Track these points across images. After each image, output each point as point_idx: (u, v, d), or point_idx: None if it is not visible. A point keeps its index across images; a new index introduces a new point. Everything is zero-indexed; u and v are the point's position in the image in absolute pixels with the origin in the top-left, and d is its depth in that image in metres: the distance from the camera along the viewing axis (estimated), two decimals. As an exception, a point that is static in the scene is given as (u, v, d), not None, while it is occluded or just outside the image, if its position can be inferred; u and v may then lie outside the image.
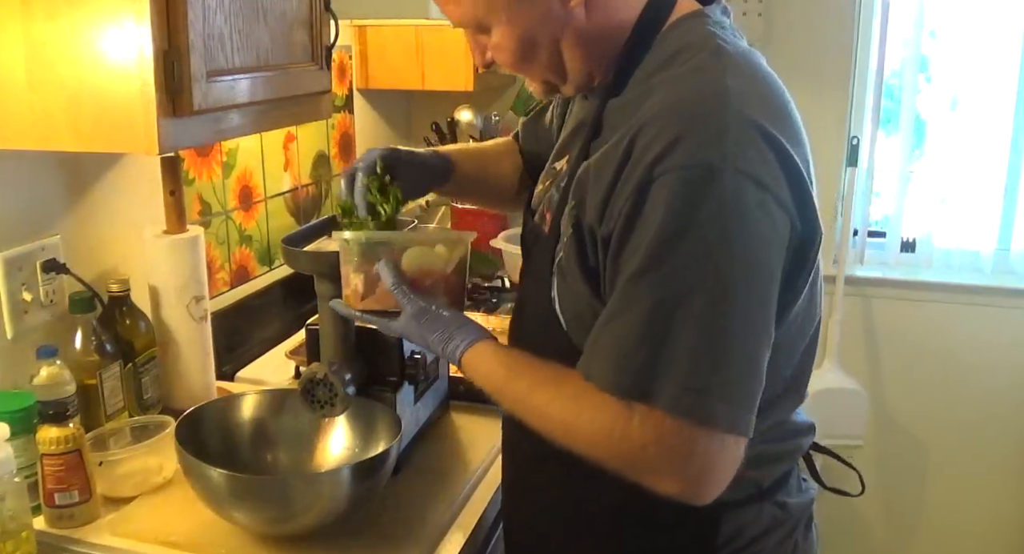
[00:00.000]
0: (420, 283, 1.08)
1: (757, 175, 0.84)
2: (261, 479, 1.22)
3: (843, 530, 2.78)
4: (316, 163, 2.15)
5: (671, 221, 0.83)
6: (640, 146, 0.86)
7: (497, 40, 0.98)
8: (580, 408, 0.90)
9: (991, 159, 2.47)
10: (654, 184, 0.84)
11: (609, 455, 0.89)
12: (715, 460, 0.85)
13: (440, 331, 1.03)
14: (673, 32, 0.96)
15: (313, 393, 1.17)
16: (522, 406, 0.97)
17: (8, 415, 1.14)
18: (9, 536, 1.08)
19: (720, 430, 0.84)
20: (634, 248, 0.86)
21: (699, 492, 0.87)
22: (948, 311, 2.57)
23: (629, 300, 0.86)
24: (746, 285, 0.84)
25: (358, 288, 1.10)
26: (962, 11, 2.43)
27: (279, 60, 1.32)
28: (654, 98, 0.90)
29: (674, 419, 0.84)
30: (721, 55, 0.91)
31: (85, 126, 1.11)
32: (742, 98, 0.87)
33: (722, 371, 0.84)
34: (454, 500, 1.29)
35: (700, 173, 0.82)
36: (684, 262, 0.83)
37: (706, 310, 0.83)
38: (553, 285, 0.99)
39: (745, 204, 0.83)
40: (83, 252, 1.45)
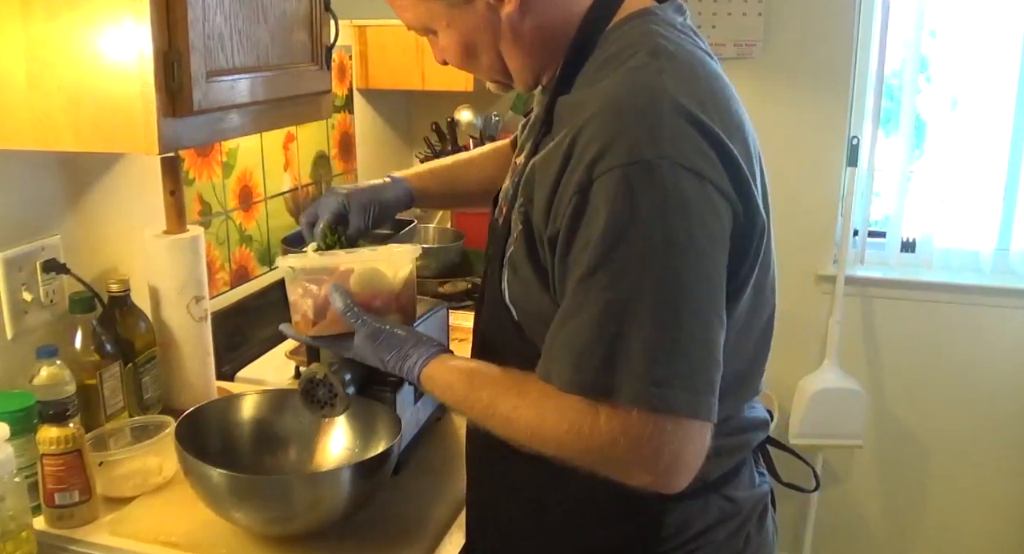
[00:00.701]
0: (370, 304, 1.09)
1: (695, 166, 0.86)
2: (261, 479, 1.22)
3: (843, 530, 2.79)
4: (316, 163, 2.16)
5: (615, 220, 0.84)
6: (579, 147, 0.88)
7: (442, 42, 1.03)
8: (545, 411, 0.91)
9: (991, 159, 2.47)
10: (594, 184, 0.86)
11: (580, 454, 0.90)
12: (683, 448, 0.86)
13: (396, 350, 1.05)
14: (617, 31, 0.98)
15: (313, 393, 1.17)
16: (486, 416, 0.97)
17: (8, 415, 1.14)
18: (9, 536, 1.09)
19: (684, 418, 0.86)
20: (580, 249, 0.87)
21: (671, 481, 0.88)
22: (948, 311, 2.57)
23: (581, 301, 0.87)
24: (694, 274, 0.86)
25: (308, 314, 1.11)
26: (962, 11, 2.43)
27: (279, 60, 1.32)
28: (593, 96, 0.92)
29: (639, 412, 0.85)
30: (658, 54, 0.92)
31: (85, 126, 1.11)
32: (676, 93, 0.88)
33: (680, 361, 0.85)
34: (454, 500, 1.29)
35: (639, 169, 0.84)
36: (631, 259, 0.84)
37: (657, 303, 0.85)
38: (503, 278, 1.02)
39: (686, 195, 0.85)
40: (83, 252, 1.45)
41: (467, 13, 0.99)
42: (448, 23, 1.00)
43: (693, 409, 0.85)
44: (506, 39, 1.00)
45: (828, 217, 2.58)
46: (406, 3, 1.01)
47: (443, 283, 2.15)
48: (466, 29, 1.00)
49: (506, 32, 0.99)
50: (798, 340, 2.64)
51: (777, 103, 2.52)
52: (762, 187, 0.96)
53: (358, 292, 1.09)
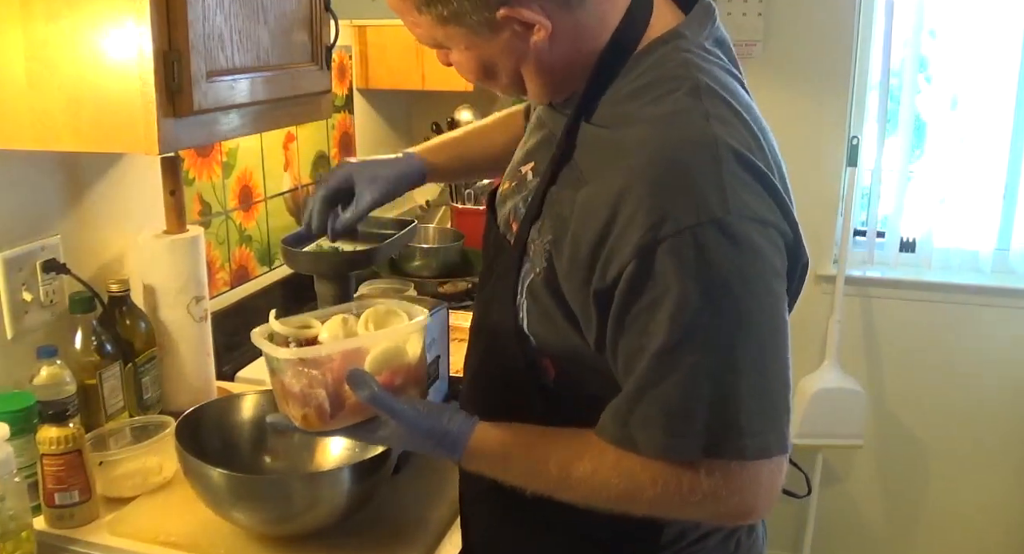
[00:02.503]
0: (391, 385, 0.96)
1: (759, 214, 0.85)
2: (261, 479, 1.22)
3: (843, 530, 2.79)
4: (316, 163, 2.16)
5: (694, 283, 0.82)
6: (630, 204, 0.84)
7: (456, 59, 0.98)
8: (634, 475, 0.89)
9: (991, 159, 2.47)
10: (661, 247, 0.82)
11: (677, 510, 0.92)
12: (775, 481, 0.89)
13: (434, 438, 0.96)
14: (646, 59, 0.93)
15: (313, 394, 1.16)
16: (558, 486, 0.94)
17: (8, 415, 1.14)
18: (9, 536, 1.09)
19: (776, 455, 0.87)
20: (649, 312, 0.84)
21: (764, 513, 0.90)
22: (948, 311, 2.57)
23: (667, 370, 0.85)
24: (774, 321, 0.87)
25: (324, 406, 0.94)
26: (962, 11, 2.43)
27: (279, 60, 1.32)
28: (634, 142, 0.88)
29: (739, 463, 0.86)
30: (699, 93, 0.89)
31: (85, 126, 1.11)
32: (728, 139, 0.86)
33: (770, 408, 0.86)
34: (454, 500, 1.29)
35: (710, 229, 0.82)
36: (718, 323, 0.83)
37: (747, 359, 0.85)
38: (522, 307, 0.98)
39: (756, 245, 0.84)
40: (83, 252, 1.45)
41: (490, 40, 0.92)
42: (467, 46, 0.94)
43: (781, 446, 0.87)
44: (529, 64, 0.95)
45: (828, 217, 2.58)
46: (421, 22, 0.94)
47: (443, 283, 2.16)
48: (486, 53, 0.94)
49: (530, 58, 0.94)
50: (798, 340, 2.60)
51: (777, 103, 2.52)
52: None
53: (376, 374, 0.95)
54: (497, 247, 1.07)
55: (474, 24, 0.90)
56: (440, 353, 1.44)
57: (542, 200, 0.96)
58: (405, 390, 0.99)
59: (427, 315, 1.01)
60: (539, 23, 0.89)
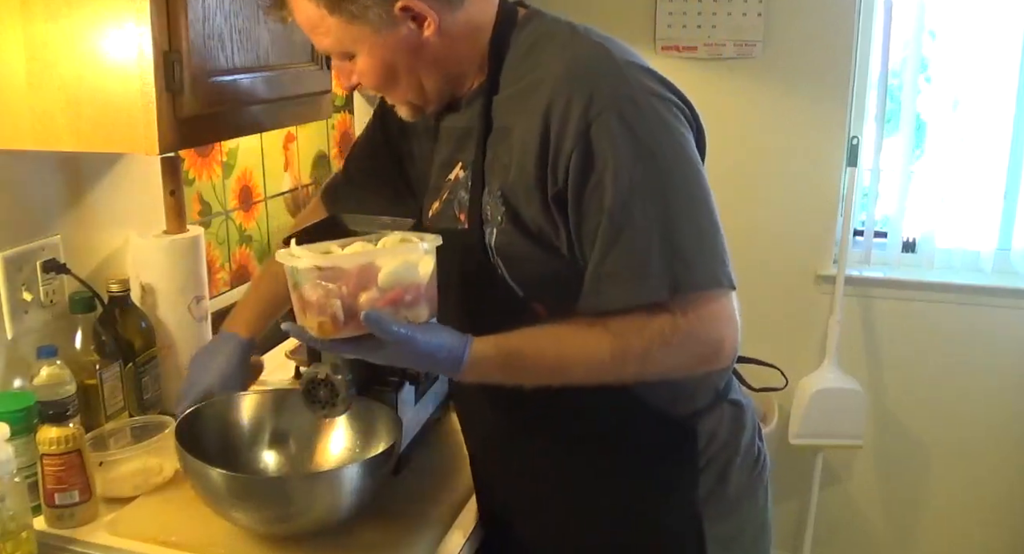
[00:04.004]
0: (401, 299, 1.03)
1: (661, 93, 1.03)
2: (261, 479, 1.22)
3: (843, 530, 2.79)
4: (316, 163, 2.15)
5: (627, 149, 0.98)
6: (559, 108, 1.00)
7: (361, 65, 1.08)
8: (619, 334, 1.00)
9: (991, 159, 2.47)
10: (591, 129, 0.98)
11: (663, 358, 1.01)
12: (733, 314, 1.01)
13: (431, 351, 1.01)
14: (523, 31, 1.10)
15: (315, 393, 1.17)
16: (556, 369, 1.03)
17: (8, 415, 1.14)
18: (9, 536, 1.09)
19: (727, 288, 1.01)
20: (598, 188, 0.99)
21: (733, 350, 1.02)
22: (949, 311, 2.57)
23: (619, 227, 0.98)
24: (695, 170, 1.02)
25: (338, 315, 1.00)
26: (962, 11, 2.43)
27: (279, 60, 1.32)
28: (542, 77, 1.04)
29: (701, 295, 0.99)
30: (576, 30, 1.08)
31: (85, 126, 1.11)
32: (613, 49, 1.04)
33: (711, 241, 1.00)
34: (454, 500, 1.29)
35: (627, 104, 0.99)
36: (652, 176, 0.99)
37: (684, 203, 1.00)
38: (498, 264, 1.09)
39: (666, 116, 1.02)
40: (83, 252, 1.45)
41: (391, 37, 1.04)
42: (371, 46, 1.05)
43: (729, 278, 1.00)
44: (425, 60, 1.07)
45: (828, 217, 2.58)
46: (328, 28, 1.04)
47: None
48: (387, 52, 1.06)
49: (425, 53, 1.06)
50: (798, 340, 2.64)
51: (777, 103, 2.52)
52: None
53: (388, 288, 1.02)
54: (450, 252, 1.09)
55: (375, 19, 1.03)
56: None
57: (482, 172, 1.09)
58: (415, 306, 1.04)
59: (438, 239, 1.06)
60: (429, 16, 1.03)
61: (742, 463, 1.18)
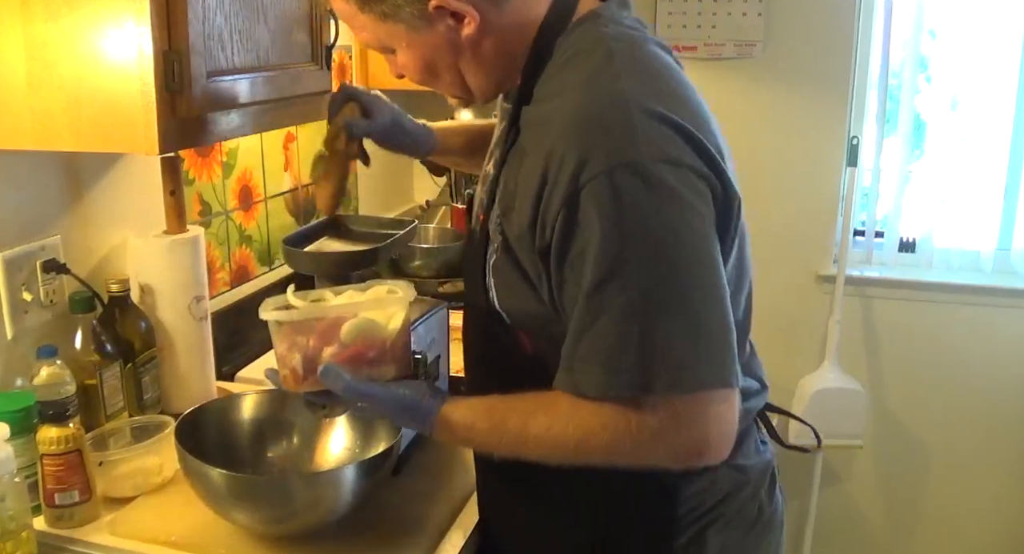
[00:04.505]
0: (363, 356, 1.01)
1: (672, 156, 0.90)
2: (261, 479, 1.22)
3: (843, 530, 2.79)
4: (316, 163, 2.15)
5: (612, 225, 0.88)
6: (555, 161, 0.91)
7: (401, 60, 1.05)
8: (584, 422, 0.92)
9: (991, 159, 2.47)
10: (581, 194, 0.88)
11: (631, 453, 0.93)
12: (723, 417, 0.92)
13: (404, 412, 1.01)
14: (568, 38, 1.01)
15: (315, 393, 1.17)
16: (519, 444, 0.97)
17: (8, 415, 1.14)
18: (9, 536, 1.08)
19: (718, 389, 0.91)
20: (579, 258, 0.90)
21: (720, 451, 0.93)
22: (948, 311, 2.57)
23: (597, 310, 0.90)
24: (696, 256, 0.90)
25: (297, 369, 1.02)
26: (962, 11, 2.43)
27: (279, 60, 1.32)
28: (557, 108, 0.95)
29: (680, 396, 0.90)
30: (612, 57, 0.96)
31: (85, 126, 1.11)
32: (638, 94, 0.92)
33: (702, 339, 0.90)
34: (454, 500, 1.29)
35: (621, 172, 0.88)
36: (638, 259, 0.88)
37: (672, 292, 0.89)
38: (491, 286, 1.04)
39: (671, 186, 0.89)
40: (83, 252, 1.45)
41: (427, 35, 0.99)
42: (408, 44, 1.01)
43: (723, 379, 0.90)
44: (466, 57, 1.02)
45: (828, 217, 2.58)
46: (364, 23, 1.02)
47: (443, 283, 2.15)
48: (426, 49, 1.01)
49: (466, 51, 1.01)
50: (798, 340, 2.64)
51: (777, 103, 2.52)
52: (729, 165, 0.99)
53: (350, 343, 1.01)
54: (470, 239, 1.14)
55: (409, 18, 0.98)
56: (440, 353, 1.44)
57: (495, 186, 1.04)
58: (379, 364, 1.02)
59: (408, 293, 1.05)
60: (468, 15, 0.96)
61: (730, 524, 1.08)
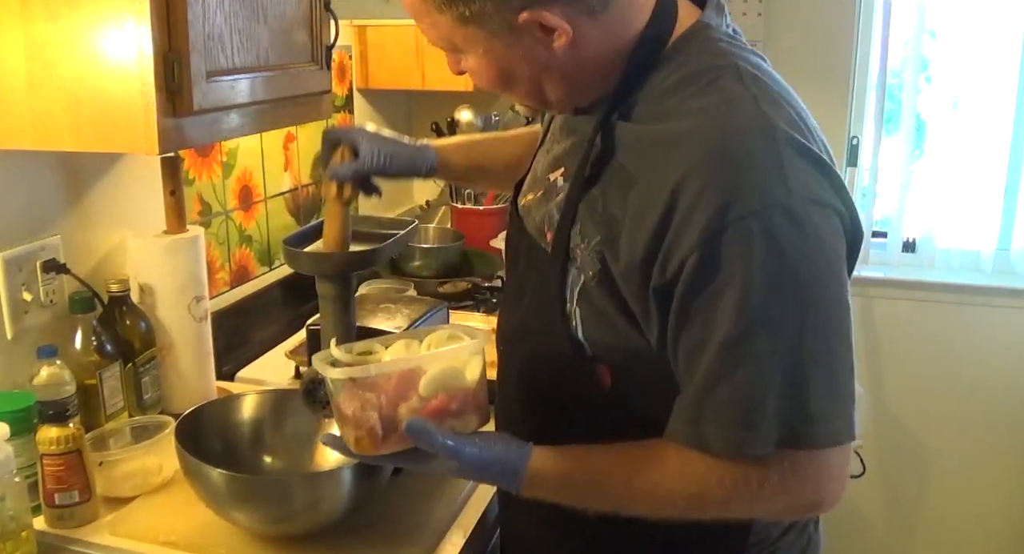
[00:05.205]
0: (446, 409, 0.94)
1: (818, 196, 0.84)
2: (261, 479, 1.22)
3: (843, 530, 2.78)
4: (316, 163, 2.15)
5: (760, 270, 0.81)
6: (689, 195, 0.82)
7: (472, 65, 0.95)
8: (699, 477, 0.88)
9: (991, 159, 2.47)
10: (725, 235, 0.81)
11: (749, 508, 0.90)
12: (844, 469, 0.89)
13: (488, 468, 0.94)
14: (682, 51, 0.92)
15: (315, 393, 1.17)
16: (623, 500, 0.92)
17: (8, 415, 1.14)
18: (9, 536, 1.09)
19: (846, 442, 0.87)
20: (714, 304, 0.83)
21: (836, 501, 0.90)
22: (948, 311, 2.57)
23: (736, 361, 0.83)
24: (838, 305, 0.86)
25: (375, 429, 0.92)
26: (962, 11, 2.43)
27: (279, 60, 1.32)
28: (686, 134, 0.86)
29: (807, 453, 0.85)
30: (743, 77, 0.88)
31: (85, 126, 1.11)
32: (780, 123, 0.85)
33: (838, 392, 0.85)
34: (454, 500, 1.29)
35: (776, 214, 0.81)
36: (786, 310, 0.82)
37: (816, 347, 0.84)
38: (574, 314, 0.96)
39: (821, 230, 0.83)
40: (83, 252, 1.45)
41: (511, 45, 0.90)
42: (485, 50, 0.92)
43: (850, 433, 0.87)
44: (550, 71, 0.92)
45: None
46: (434, 22, 0.91)
47: (443, 283, 2.16)
48: (505, 59, 0.92)
49: (551, 65, 0.91)
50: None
51: (777, 103, 2.52)
52: None
53: (429, 396, 0.93)
54: (530, 257, 1.05)
55: (495, 27, 0.88)
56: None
57: (577, 203, 0.95)
58: (462, 415, 0.95)
59: (481, 338, 0.98)
60: (561, 28, 0.87)
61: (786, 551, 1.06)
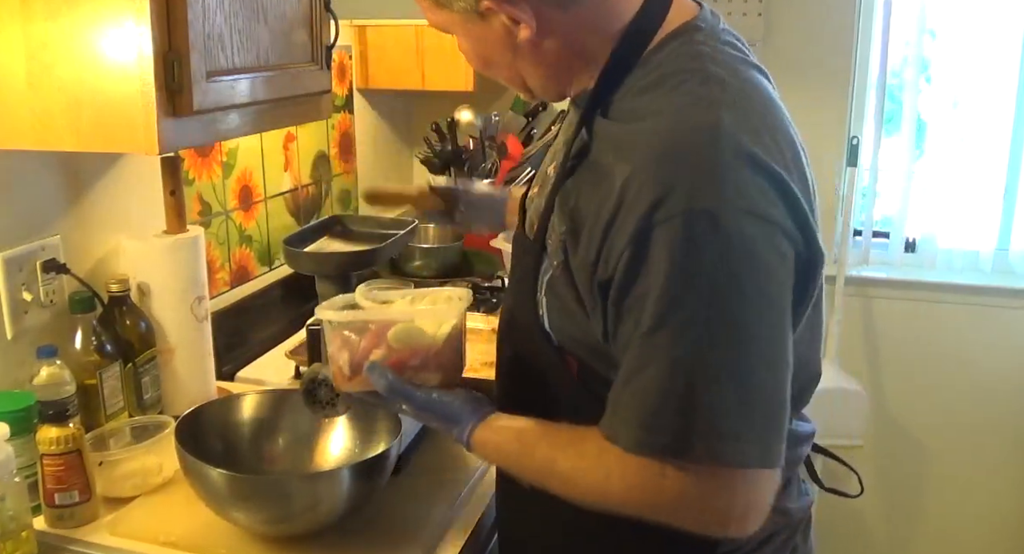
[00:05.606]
0: (406, 362, 1.03)
1: (759, 210, 0.82)
2: (261, 479, 1.22)
3: (843, 530, 2.78)
4: (316, 163, 2.15)
5: (678, 272, 0.81)
6: (632, 192, 0.83)
7: (462, 47, 1.00)
8: (608, 470, 0.89)
9: (991, 159, 2.47)
10: (654, 232, 0.81)
11: (646, 511, 0.89)
12: (755, 496, 0.86)
13: (442, 420, 1.02)
14: (660, 53, 0.92)
15: (315, 393, 1.17)
16: (543, 476, 0.95)
17: (8, 415, 1.14)
18: (9, 536, 1.09)
19: (756, 468, 0.84)
20: (639, 300, 0.83)
21: (744, 527, 0.87)
22: (948, 311, 2.57)
23: (647, 357, 0.84)
24: (763, 324, 0.83)
25: (343, 369, 1.05)
26: (962, 11, 2.43)
27: (279, 60, 1.32)
28: (643, 133, 0.87)
29: (709, 468, 0.83)
30: (709, 83, 0.87)
31: (85, 126, 1.11)
32: (735, 131, 0.83)
33: (751, 413, 0.83)
34: (454, 500, 1.29)
35: (701, 218, 0.80)
36: (697, 313, 0.81)
37: (727, 357, 0.82)
38: (541, 303, 0.99)
39: (751, 243, 0.81)
40: (83, 252, 1.45)
41: (482, 28, 0.93)
42: (464, 34, 0.96)
43: (764, 458, 0.84)
44: (524, 58, 0.95)
45: (828, 217, 2.58)
46: (425, 5, 0.97)
47: (443, 283, 2.15)
48: (480, 43, 0.96)
49: (524, 52, 0.94)
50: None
51: (777, 103, 2.52)
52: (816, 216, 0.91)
53: (395, 348, 1.03)
54: (521, 248, 1.09)
55: (461, 11, 0.92)
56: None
57: (555, 194, 0.96)
58: (423, 370, 1.03)
59: (469, 297, 1.07)
60: (523, 21, 0.90)
61: None
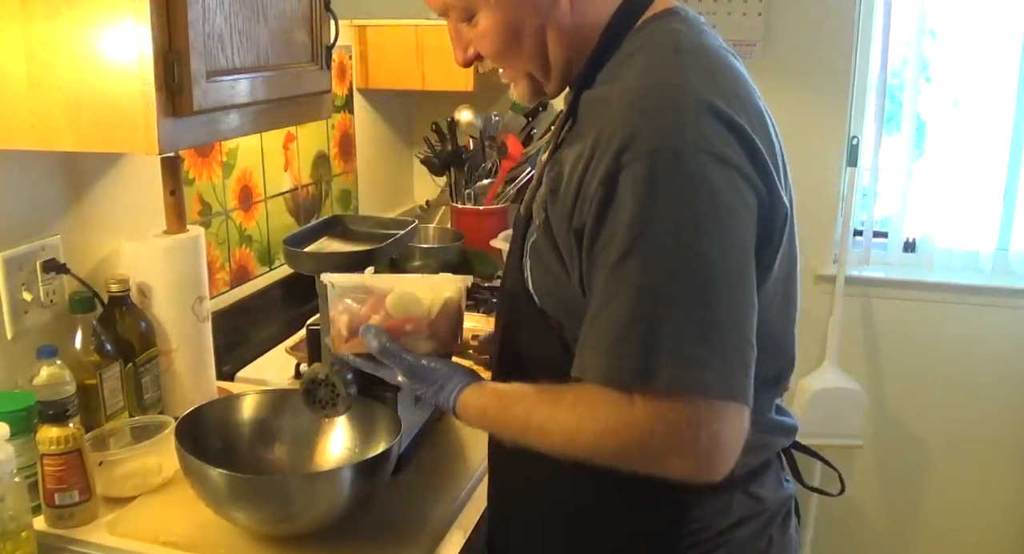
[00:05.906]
0: (400, 328, 1.08)
1: (721, 153, 0.87)
2: (261, 479, 1.22)
3: (843, 530, 2.79)
4: (316, 163, 2.16)
5: (642, 206, 0.85)
6: (604, 140, 0.89)
7: (483, 26, 1.00)
8: (580, 414, 0.91)
9: (991, 159, 2.47)
10: (620, 174, 0.87)
11: (618, 451, 0.89)
12: (721, 430, 0.86)
13: (429, 385, 1.05)
14: (640, 31, 0.99)
15: (315, 393, 1.17)
16: (523, 432, 0.97)
17: (8, 415, 1.14)
18: (9, 536, 1.09)
19: (719, 399, 0.85)
20: (608, 237, 0.88)
21: (713, 466, 0.87)
22: (948, 311, 2.57)
23: (612, 291, 0.87)
24: (723, 256, 0.86)
25: (341, 331, 1.11)
26: (962, 11, 2.43)
27: (279, 60, 1.32)
28: (615, 91, 0.94)
29: (673, 396, 0.85)
30: (680, 52, 0.94)
31: (85, 126, 1.11)
32: (698, 86, 0.90)
33: (712, 341, 0.85)
34: (454, 500, 1.29)
35: (664, 157, 0.85)
36: (660, 244, 0.85)
37: (688, 285, 0.85)
38: (526, 266, 1.03)
39: (712, 180, 0.86)
40: (83, 252, 1.45)
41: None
42: (496, 1, 0.97)
43: (727, 390, 0.85)
44: (553, 27, 0.99)
45: (828, 217, 2.58)
46: None
47: (443, 283, 2.15)
48: (515, 10, 0.98)
49: (555, 15, 0.98)
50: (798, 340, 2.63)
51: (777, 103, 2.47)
52: (785, 179, 0.97)
53: (392, 315, 1.09)
54: (515, 225, 1.13)
55: None
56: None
57: (543, 168, 1.02)
58: (416, 339, 1.09)
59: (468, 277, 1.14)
60: None
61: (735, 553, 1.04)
